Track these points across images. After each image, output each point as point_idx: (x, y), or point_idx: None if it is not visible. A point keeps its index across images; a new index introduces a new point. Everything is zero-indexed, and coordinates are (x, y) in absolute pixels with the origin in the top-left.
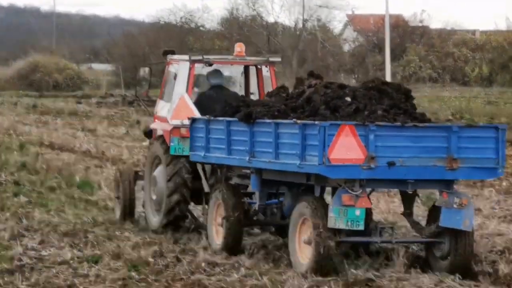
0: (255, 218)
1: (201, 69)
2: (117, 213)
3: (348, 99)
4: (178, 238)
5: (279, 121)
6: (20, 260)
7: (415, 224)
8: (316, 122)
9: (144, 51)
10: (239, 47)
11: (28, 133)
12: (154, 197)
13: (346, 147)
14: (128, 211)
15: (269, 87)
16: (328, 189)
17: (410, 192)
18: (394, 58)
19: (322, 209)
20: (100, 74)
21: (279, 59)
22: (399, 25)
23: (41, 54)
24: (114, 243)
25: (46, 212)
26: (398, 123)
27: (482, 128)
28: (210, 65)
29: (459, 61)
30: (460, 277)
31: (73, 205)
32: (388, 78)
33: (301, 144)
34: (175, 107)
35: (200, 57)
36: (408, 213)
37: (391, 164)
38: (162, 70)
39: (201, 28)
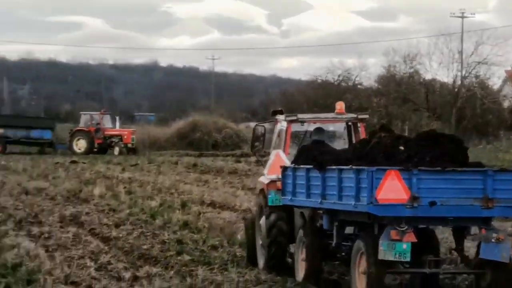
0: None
1: (306, 127)
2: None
3: (401, 148)
4: None
5: (341, 168)
6: None
7: (464, 258)
8: (366, 168)
9: (302, 109)
10: (339, 106)
11: (189, 192)
12: (260, 242)
13: (392, 189)
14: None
15: None
16: None
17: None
18: None
19: (374, 244)
20: None
21: (366, 116)
22: None
23: (200, 114)
24: None
25: (209, 270)
26: (438, 168)
27: None
28: (303, 123)
29: None
30: None
31: (235, 263)
32: None
33: (356, 186)
34: (271, 162)
35: (294, 117)
36: (460, 248)
37: (432, 204)
38: None
39: (358, 86)
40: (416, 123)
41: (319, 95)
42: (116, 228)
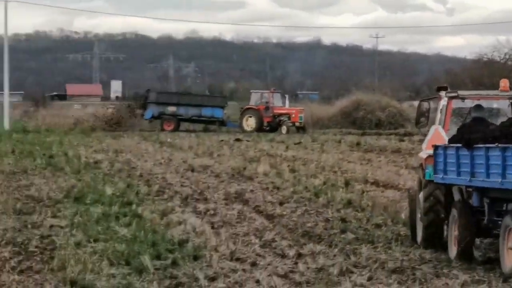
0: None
1: (468, 104)
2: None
3: None
4: (507, 276)
5: (487, 146)
6: None
7: None
8: (511, 146)
9: (467, 88)
10: (503, 83)
11: (353, 171)
12: (419, 215)
13: None
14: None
15: None
16: None
17: None
18: None
19: None
20: None
21: None
22: None
23: (364, 93)
24: (442, 280)
25: (373, 249)
26: None
27: None
28: (463, 100)
29: None
30: None
31: (399, 242)
32: None
33: (502, 164)
34: (430, 138)
35: (455, 94)
36: None
37: None
38: None
39: None
40: None
41: (484, 74)
42: (280, 206)
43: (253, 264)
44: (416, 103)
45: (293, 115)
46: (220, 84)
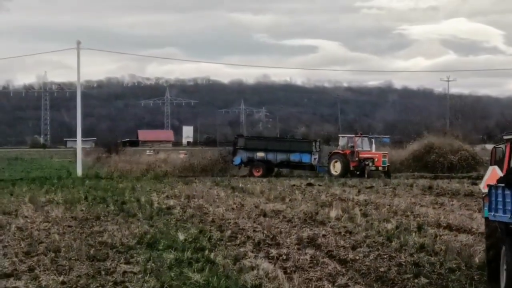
0: None
1: None
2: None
3: None
4: None
5: None
6: None
7: None
8: None
9: None
10: None
11: (425, 215)
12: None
13: None
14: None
15: None
16: None
17: None
18: None
19: None
20: None
21: None
22: None
23: (435, 136)
24: None
25: None
26: None
27: None
28: None
29: None
30: None
31: (474, 286)
32: None
33: None
34: (487, 178)
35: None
36: None
37: None
38: None
39: None
40: None
41: None
42: (352, 251)
43: None
44: (488, 146)
45: (376, 159)
46: (291, 128)
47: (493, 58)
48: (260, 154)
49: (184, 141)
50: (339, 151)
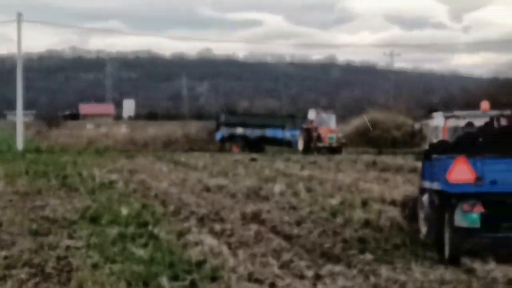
0: None
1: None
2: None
3: (480, 139)
4: None
5: (435, 156)
6: None
7: None
8: (442, 156)
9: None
10: (483, 105)
11: (370, 190)
12: (422, 215)
13: (461, 172)
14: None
15: None
16: None
17: None
18: None
19: (452, 215)
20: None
21: (509, 113)
22: None
23: (379, 111)
24: None
25: (393, 270)
26: (497, 154)
27: None
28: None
29: None
30: None
31: (419, 262)
32: None
33: (438, 170)
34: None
35: (451, 114)
36: None
37: (493, 182)
38: None
39: None
40: None
41: (501, 92)
42: (297, 226)
43: (272, 285)
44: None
45: (323, 136)
46: (233, 102)
47: (437, 33)
48: (240, 130)
49: (125, 115)
50: (307, 127)
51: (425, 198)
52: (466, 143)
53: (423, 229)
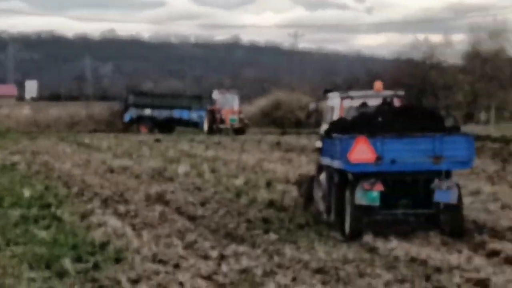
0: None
1: (355, 102)
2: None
3: (380, 119)
4: (429, 274)
5: (334, 136)
6: None
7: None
8: (343, 136)
9: (386, 87)
10: (376, 85)
11: (274, 171)
12: (320, 194)
13: (361, 151)
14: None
15: None
16: None
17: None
18: None
19: (353, 193)
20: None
21: (402, 93)
22: None
23: (283, 92)
24: (366, 280)
25: (296, 249)
26: (397, 134)
27: (457, 136)
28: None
29: None
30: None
31: (322, 242)
32: None
33: (339, 150)
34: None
35: (346, 94)
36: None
37: (393, 162)
38: None
39: (443, 63)
40: (502, 100)
41: (403, 72)
42: (201, 207)
43: (176, 266)
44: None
45: (223, 116)
46: (138, 83)
47: (341, 14)
48: (148, 111)
49: (28, 96)
50: (211, 108)
51: (323, 176)
52: (366, 123)
53: (320, 207)
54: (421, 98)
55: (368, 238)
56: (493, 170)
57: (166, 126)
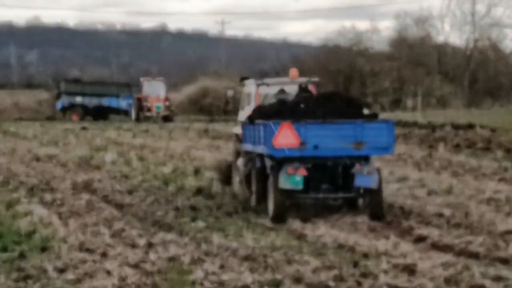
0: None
1: (271, 89)
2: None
3: (302, 105)
4: (357, 260)
5: (257, 122)
6: (201, 284)
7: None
8: (267, 122)
9: (314, 74)
10: (292, 72)
11: (202, 158)
12: (237, 179)
13: (286, 137)
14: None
15: None
16: None
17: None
18: None
19: (277, 177)
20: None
21: (316, 80)
22: None
23: (210, 79)
24: (294, 267)
25: (224, 237)
26: (320, 120)
27: (378, 122)
28: (268, 86)
29: None
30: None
31: (250, 229)
32: None
33: (263, 135)
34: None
35: (262, 82)
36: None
37: (316, 147)
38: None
39: (370, 49)
40: (428, 87)
41: (330, 59)
42: (129, 195)
43: (103, 255)
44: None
45: (149, 105)
46: (64, 71)
47: (268, 1)
48: (79, 99)
49: None
50: (138, 96)
51: (240, 162)
52: (289, 110)
53: (238, 191)
54: (348, 85)
55: (296, 225)
56: (420, 156)
57: (97, 114)
